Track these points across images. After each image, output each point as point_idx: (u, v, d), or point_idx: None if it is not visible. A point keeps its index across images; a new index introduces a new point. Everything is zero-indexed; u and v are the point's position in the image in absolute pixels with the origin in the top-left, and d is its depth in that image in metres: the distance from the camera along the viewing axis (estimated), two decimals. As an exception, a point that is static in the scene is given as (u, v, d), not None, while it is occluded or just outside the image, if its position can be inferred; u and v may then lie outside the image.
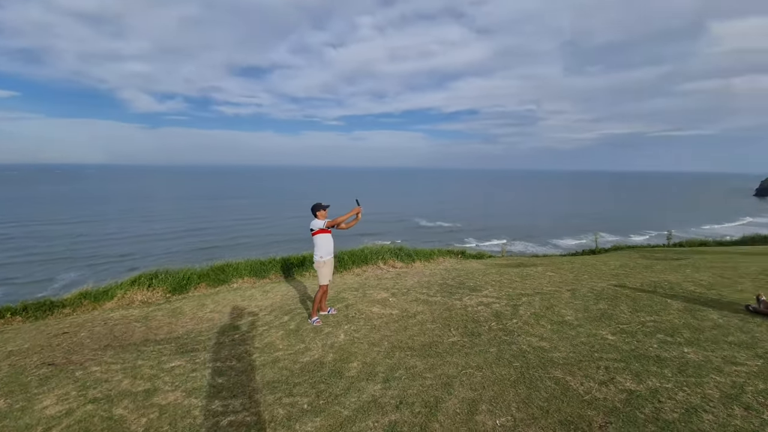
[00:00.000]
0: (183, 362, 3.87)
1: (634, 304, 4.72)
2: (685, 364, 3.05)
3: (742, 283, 5.78)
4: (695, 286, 5.58)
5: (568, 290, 5.61)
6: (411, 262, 10.61)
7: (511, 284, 6.20)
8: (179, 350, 4.29)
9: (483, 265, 9.88)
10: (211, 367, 3.68)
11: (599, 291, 5.46)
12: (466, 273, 7.73)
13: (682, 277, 6.34)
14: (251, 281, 8.04)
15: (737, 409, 2.39)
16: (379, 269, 9.34)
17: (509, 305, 4.93)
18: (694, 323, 3.93)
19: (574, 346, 3.58)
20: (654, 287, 5.60)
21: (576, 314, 4.45)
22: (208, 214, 54.06)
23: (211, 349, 4.15)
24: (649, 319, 4.11)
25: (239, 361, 3.76)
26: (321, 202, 4.91)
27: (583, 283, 6.09)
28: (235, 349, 4.08)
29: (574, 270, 7.57)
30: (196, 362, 3.84)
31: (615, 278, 6.45)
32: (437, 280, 6.96)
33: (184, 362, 3.87)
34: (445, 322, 4.52)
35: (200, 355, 4.06)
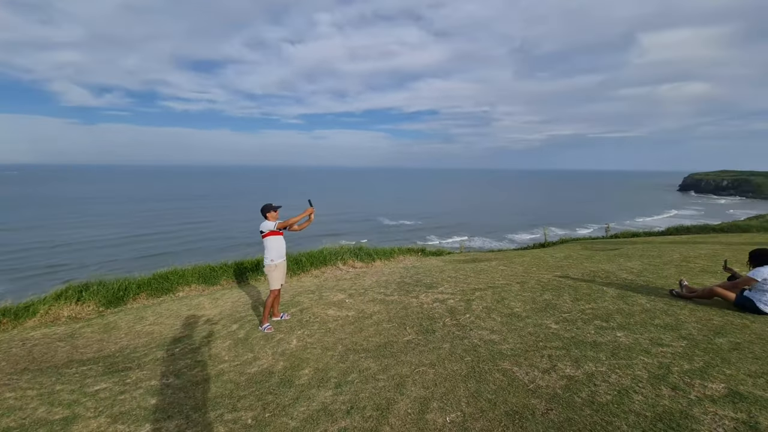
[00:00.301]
0: (111, 384, 3.48)
1: (575, 293, 5.04)
2: (618, 348, 3.28)
3: (666, 269, 6.41)
4: (627, 274, 6.09)
5: (517, 283, 5.86)
6: (371, 261, 10.55)
7: (466, 279, 6.36)
8: (108, 370, 3.86)
9: (441, 261, 10.08)
10: (144, 387, 3.33)
11: (545, 282, 5.77)
12: (424, 270, 7.82)
13: (617, 266, 6.90)
14: (200, 289, 7.52)
15: (665, 389, 2.59)
16: (338, 270, 9.18)
17: (463, 300, 5.04)
18: (626, 308, 4.27)
19: (522, 337, 3.72)
20: (593, 276, 6.03)
21: (524, 306, 4.65)
22: (155, 219, 50.12)
23: (145, 367, 3.78)
24: (588, 307, 4.40)
25: (177, 377, 3.45)
26: (272, 203, 4.68)
27: (531, 276, 6.41)
28: (174, 364, 3.75)
29: (525, 263, 7.96)
30: (127, 383, 3.47)
31: (560, 269, 6.87)
32: (395, 278, 6.96)
33: (112, 384, 3.48)
34: (401, 321, 4.50)
35: (132, 374, 3.67)
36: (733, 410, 2.27)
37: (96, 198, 78.36)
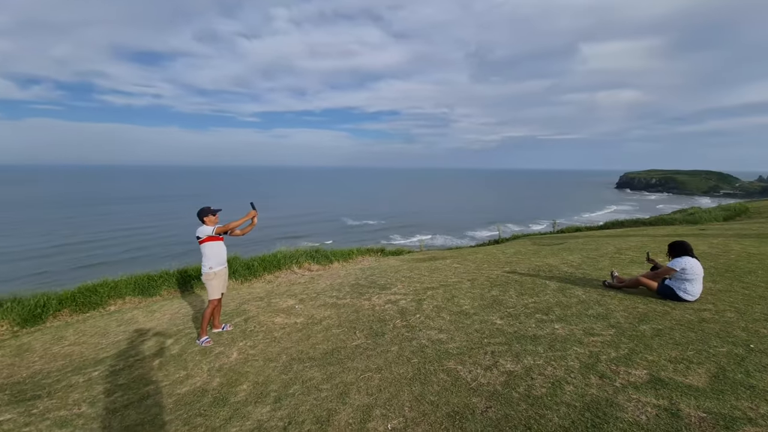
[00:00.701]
0: (15, 415, 3.02)
1: (520, 288, 5.23)
2: (555, 340, 3.42)
3: (602, 261, 6.90)
4: (568, 267, 6.47)
5: (468, 280, 5.99)
6: (328, 263, 10.32)
7: (420, 279, 6.40)
8: (14, 400, 3.35)
9: (399, 261, 10.10)
10: (52, 417, 2.91)
11: (494, 279, 5.95)
12: (380, 271, 7.77)
13: (560, 260, 7.32)
14: (135, 301, 6.86)
15: (593, 377, 2.72)
16: (293, 274, 8.86)
17: (414, 300, 5.04)
18: (564, 301, 4.49)
19: (468, 334, 3.76)
20: (537, 271, 6.33)
21: (473, 303, 4.74)
22: (90, 225, 45.57)
23: (56, 395, 3.32)
24: (531, 301, 4.58)
25: (92, 405, 3.05)
26: (210, 206, 4.34)
27: (482, 272, 6.59)
28: (90, 390, 3.33)
29: (477, 260, 8.20)
30: (33, 413, 3.02)
31: (508, 265, 7.15)
32: (350, 280, 6.83)
33: (17, 414, 3.02)
34: (351, 325, 4.39)
35: (41, 402, 3.21)
36: (655, 397, 2.42)
37: (22, 202, 69.57)
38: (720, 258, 6.40)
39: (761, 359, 2.74)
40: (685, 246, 4.35)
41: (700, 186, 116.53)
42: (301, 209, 65.85)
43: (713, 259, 6.37)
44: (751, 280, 4.89)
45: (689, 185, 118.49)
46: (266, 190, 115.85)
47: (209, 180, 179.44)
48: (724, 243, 7.94)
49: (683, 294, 4.20)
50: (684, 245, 4.37)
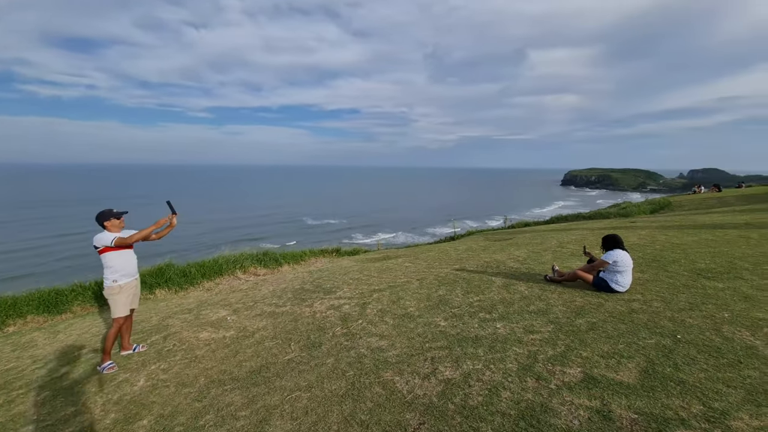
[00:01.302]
0: None
1: (467, 286, 5.16)
2: (496, 340, 3.31)
3: (545, 255, 7.11)
4: (514, 262, 6.57)
5: (417, 280, 5.84)
6: (277, 267, 9.74)
7: (368, 280, 6.13)
8: None
9: (353, 262, 9.78)
10: None
11: (443, 277, 5.85)
12: (329, 273, 7.40)
13: (507, 255, 7.45)
14: (40, 320, 5.88)
15: (530, 380, 2.61)
16: (236, 280, 8.20)
17: (359, 304, 4.75)
18: (508, 297, 4.47)
19: (410, 339, 3.55)
20: (485, 267, 6.35)
21: (418, 304, 4.56)
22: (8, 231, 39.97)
23: None
24: (476, 300, 4.50)
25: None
26: (112, 209, 3.71)
27: (432, 271, 6.49)
28: (-65, 444, 2.63)
29: (429, 258, 8.12)
30: None
31: (459, 262, 7.13)
32: (296, 285, 6.39)
33: None
34: (287, 337, 4.00)
35: None
36: (588, 398, 2.34)
37: None
38: (647, 248, 6.85)
39: (688, 351, 2.80)
40: (617, 239, 4.51)
41: (631, 183, 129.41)
42: (260, 210, 63.04)
43: (641, 249, 6.81)
44: (674, 269, 5.22)
45: (622, 182, 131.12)
46: (220, 190, 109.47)
47: (156, 179, 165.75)
48: (651, 234, 8.59)
49: (615, 285, 4.34)
50: (615, 238, 4.52)
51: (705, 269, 5.11)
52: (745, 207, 16.11)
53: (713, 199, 20.58)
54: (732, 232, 8.15)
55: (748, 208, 15.18)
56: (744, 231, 8.14)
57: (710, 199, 20.79)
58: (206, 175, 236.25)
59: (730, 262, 5.41)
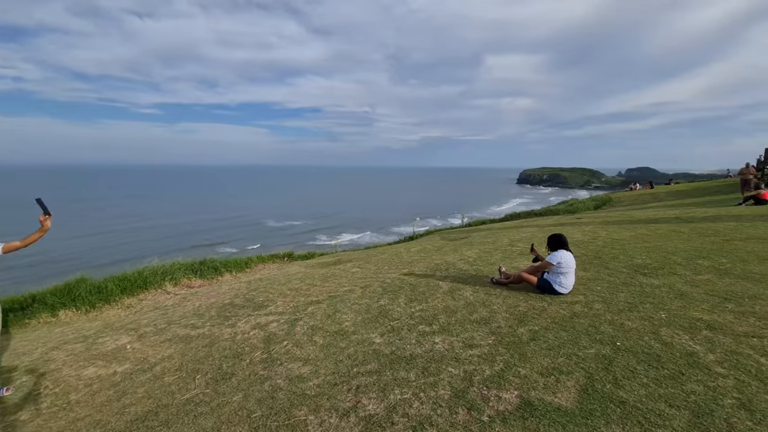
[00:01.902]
0: None
1: (412, 292, 4.80)
2: (431, 359, 2.94)
3: (495, 255, 6.99)
4: (464, 264, 6.35)
5: (361, 288, 5.39)
6: (216, 276, 8.87)
7: (308, 290, 5.58)
8: None
9: (302, 267, 9.14)
10: None
11: (388, 284, 5.46)
12: (270, 282, 6.73)
13: (458, 256, 7.25)
14: None
15: (461, 412, 2.25)
16: (163, 294, 7.27)
17: (289, 321, 4.20)
18: (452, 305, 4.15)
19: (338, 363, 3.09)
20: (435, 270, 6.06)
21: (356, 317, 4.10)
22: None
23: None
24: (418, 309, 4.13)
25: None
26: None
27: (379, 277, 6.08)
28: None
29: (381, 262, 7.73)
30: None
31: (409, 266, 6.79)
32: (226, 299, 5.68)
33: None
34: (194, 368, 3.36)
35: None
36: (522, 430, 2.01)
37: None
38: (590, 245, 6.96)
39: (628, 361, 2.60)
40: (562, 239, 4.37)
41: (578, 180, 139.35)
42: (218, 212, 59.39)
43: (585, 246, 6.90)
44: (614, 266, 5.24)
45: (571, 180, 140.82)
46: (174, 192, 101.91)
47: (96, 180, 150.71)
48: (593, 231, 8.86)
49: (558, 287, 4.19)
50: (561, 239, 4.38)
51: (642, 265, 5.17)
52: (675, 202, 17.60)
53: (647, 195, 22.36)
54: (664, 226, 8.61)
55: (677, 203, 16.56)
56: (675, 225, 8.64)
57: (645, 195, 22.56)
58: (157, 175, 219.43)
59: (664, 257, 5.56)
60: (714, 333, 2.94)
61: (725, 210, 10.82)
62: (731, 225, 8.05)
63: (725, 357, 2.57)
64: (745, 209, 10.80)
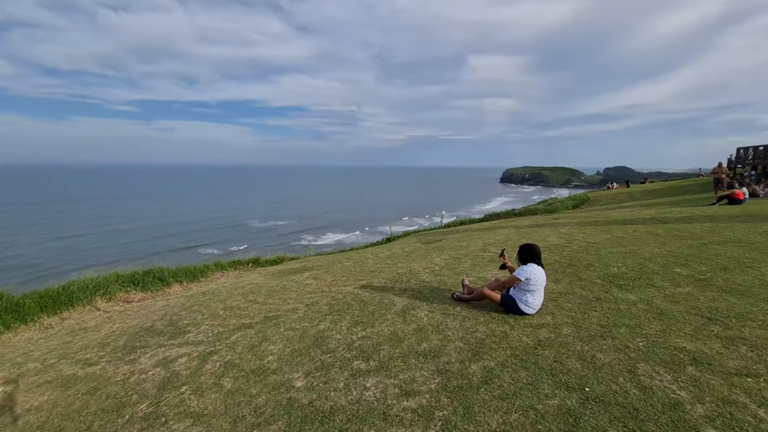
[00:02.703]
0: None
1: (360, 313, 4.14)
2: (354, 416, 2.28)
3: (464, 262, 6.42)
4: (429, 273, 5.74)
5: (307, 305, 4.69)
6: (163, 288, 8.00)
7: (247, 309, 4.84)
8: None
9: (262, 276, 8.36)
10: None
11: (339, 299, 4.78)
12: (210, 297, 5.95)
13: (426, 263, 6.65)
14: None
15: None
16: (93, 311, 6.40)
17: (203, 355, 3.47)
18: (401, 330, 3.52)
19: (236, 421, 2.39)
20: (395, 282, 5.42)
21: (284, 348, 3.41)
22: None
23: None
24: (360, 336, 3.48)
25: None
26: None
27: (332, 290, 5.40)
28: None
29: (341, 270, 7.05)
30: None
31: (369, 276, 6.14)
32: (148, 321, 4.87)
33: None
34: (59, 425, 2.59)
35: None
36: None
37: None
38: (565, 250, 6.49)
39: (598, 420, 2.01)
40: (533, 251, 3.77)
41: (558, 179, 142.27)
42: (200, 213, 57.20)
43: (559, 251, 6.42)
44: (588, 276, 4.73)
45: (552, 179, 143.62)
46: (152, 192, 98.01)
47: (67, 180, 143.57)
48: (569, 233, 8.44)
49: (524, 306, 3.61)
50: (532, 250, 3.78)
51: (617, 275, 4.69)
52: (650, 201, 17.62)
53: (624, 194, 22.48)
54: (640, 228, 8.27)
55: (652, 202, 16.55)
56: (651, 226, 8.31)
57: (621, 194, 22.69)
58: (132, 175, 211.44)
59: (641, 264, 5.11)
60: (701, 371, 2.40)
61: (699, 210, 10.65)
62: (707, 226, 7.77)
63: (716, 409, 2.02)
64: (719, 209, 10.67)
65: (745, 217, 8.72)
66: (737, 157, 22.29)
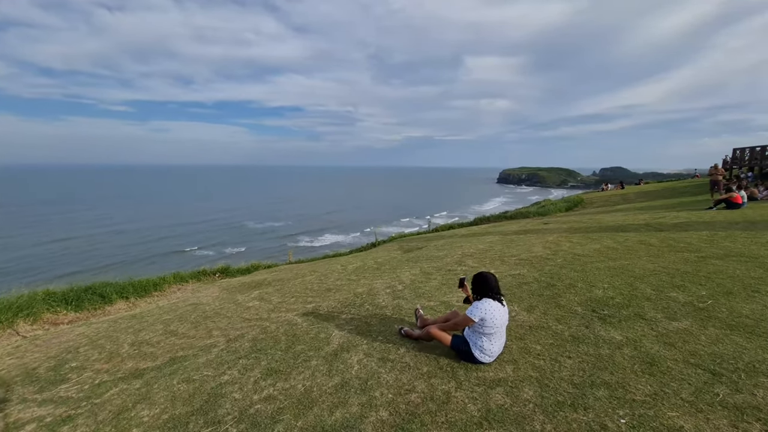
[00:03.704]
0: None
1: (283, 354, 3.33)
2: None
3: (433, 279, 5.64)
4: (388, 295, 4.94)
5: (228, 340, 3.88)
6: (104, 305, 7.21)
7: (156, 345, 4.01)
8: None
9: (218, 291, 7.55)
10: None
11: (270, 332, 3.97)
12: (133, 323, 5.13)
13: (389, 280, 5.86)
14: None
15: None
16: (12, 336, 5.60)
17: (55, 423, 2.64)
18: (317, 388, 2.70)
19: None
20: (346, 306, 4.62)
21: (160, 415, 2.59)
22: None
23: None
24: (261, 398, 2.66)
25: None
26: None
27: (273, 315, 4.59)
28: None
29: (295, 288, 6.24)
30: None
31: (322, 296, 5.34)
32: (40, 359, 4.03)
33: None
34: None
35: None
36: None
37: None
38: (547, 264, 5.74)
39: None
40: (489, 283, 2.95)
41: (555, 180, 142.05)
42: (197, 215, 56.07)
43: (542, 265, 5.67)
44: (568, 302, 3.97)
45: (548, 179, 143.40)
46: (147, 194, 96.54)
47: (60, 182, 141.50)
48: (556, 242, 7.69)
49: (479, 353, 2.82)
50: (487, 282, 2.95)
51: (602, 300, 3.93)
52: (644, 204, 16.91)
53: (618, 196, 21.82)
54: (633, 236, 7.54)
55: (646, 205, 15.84)
56: (644, 235, 7.58)
57: (615, 196, 22.02)
58: (127, 176, 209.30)
59: (631, 284, 4.36)
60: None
61: (696, 215, 9.94)
62: (704, 236, 7.04)
63: None
64: (716, 214, 9.96)
65: (745, 224, 8.01)
66: (733, 158, 21.69)
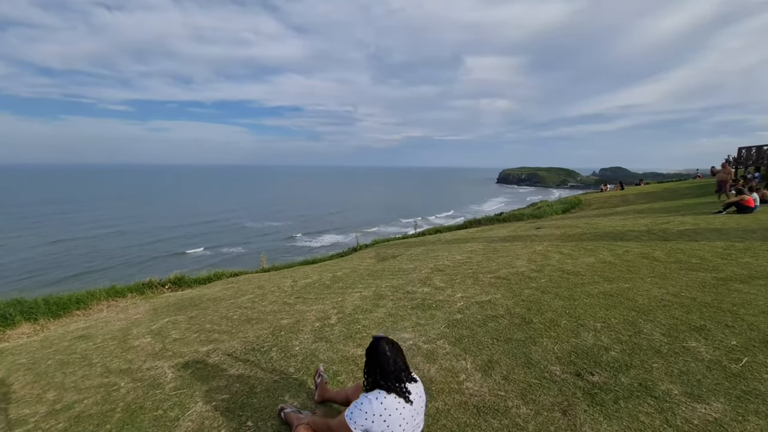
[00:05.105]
0: None
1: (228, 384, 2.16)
2: None
3: (382, 307, 4.46)
4: (314, 333, 3.76)
5: (48, 413, 2.71)
6: (4, 328, 6.13)
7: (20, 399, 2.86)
8: None
9: (141, 313, 6.37)
10: None
11: (116, 398, 2.79)
12: None
13: (329, 305, 4.68)
14: None
15: None
16: None
17: None
18: None
19: None
20: (247, 352, 3.44)
21: None
22: None
23: None
24: None
25: None
26: None
27: (147, 364, 3.41)
28: None
29: (221, 311, 5.08)
30: None
31: (237, 329, 4.15)
32: None
33: None
34: None
35: None
36: None
37: None
38: (529, 285, 4.59)
39: None
40: (383, 364, 1.73)
41: (554, 180, 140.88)
42: (195, 215, 54.96)
43: (520, 287, 4.52)
44: (543, 356, 2.80)
45: (548, 179, 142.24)
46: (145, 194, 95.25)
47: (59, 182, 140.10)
48: (545, 253, 6.52)
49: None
50: (381, 361, 1.74)
51: (592, 353, 2.77)
52: (645, 206, 15.73)
53: (617, 198, 20.65)
54: (633, 246, 6.38)
55: (647, 208, 14.66)
56: (647, 245, 6.41)
57: (615, 197, 20.86)
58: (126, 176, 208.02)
59: (632, 325, 3.19)
60: None
61: (703, 220, 8.75)
62: (719, 247, 5.89)
63: None
64: (727, 219, 8.79)
65: (763, 233, 6.85)
66: (738, 157, 20.53)
